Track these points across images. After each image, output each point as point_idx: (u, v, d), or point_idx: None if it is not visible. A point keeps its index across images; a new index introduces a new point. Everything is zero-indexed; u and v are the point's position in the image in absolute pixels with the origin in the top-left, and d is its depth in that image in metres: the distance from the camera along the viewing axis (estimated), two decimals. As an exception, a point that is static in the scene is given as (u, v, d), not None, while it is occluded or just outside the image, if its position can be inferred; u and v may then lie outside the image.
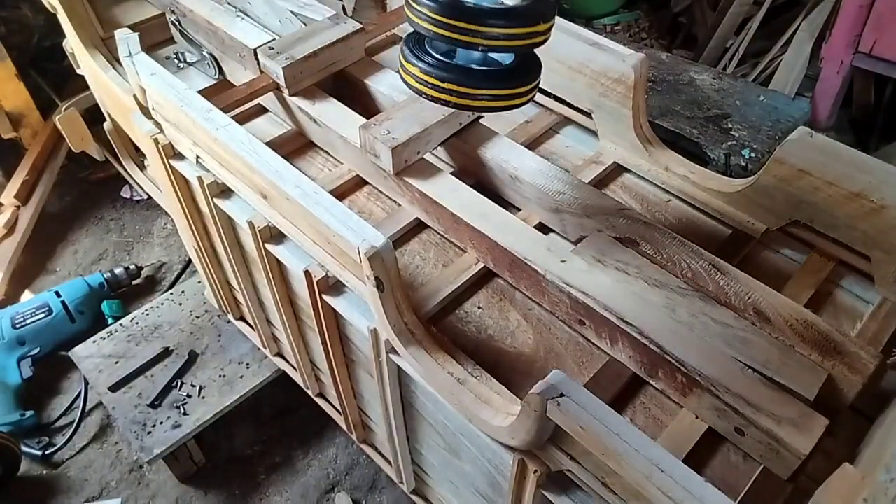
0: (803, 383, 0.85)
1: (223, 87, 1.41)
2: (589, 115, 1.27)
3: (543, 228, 1.14)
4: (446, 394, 0.93)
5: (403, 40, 0.93)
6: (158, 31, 1.57)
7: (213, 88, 1.44)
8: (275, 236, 1.18)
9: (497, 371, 0.96)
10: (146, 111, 1.31)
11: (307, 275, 1.10)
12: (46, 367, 1.97)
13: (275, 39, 1.30)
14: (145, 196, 2.48)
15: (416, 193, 1.14)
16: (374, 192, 1.25)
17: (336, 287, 1.10)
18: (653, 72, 2.06)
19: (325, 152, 1.32)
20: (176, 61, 1.52)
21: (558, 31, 1.02)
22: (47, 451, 1.80)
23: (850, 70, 2.33)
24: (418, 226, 1.19)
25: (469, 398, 0.90)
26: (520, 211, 1.18)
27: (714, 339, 0.90)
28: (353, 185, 1.26)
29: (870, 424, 0.89)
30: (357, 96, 1.34)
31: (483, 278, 1.10)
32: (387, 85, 1.30)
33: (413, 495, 1.45)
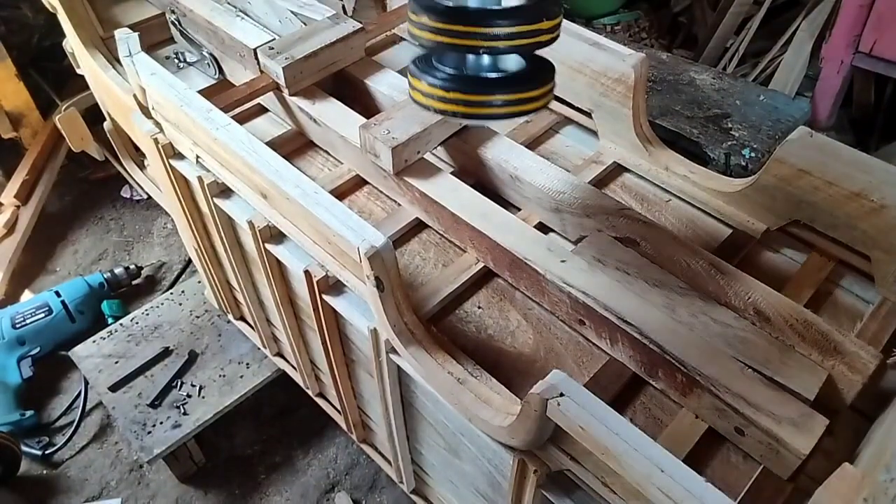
0: (803, 383, 0.85)
1: (223, 87, 1.41)
2: (589, 114, 1.27)
3: (543, 228, 1.14)
4: (446, 394, 0.93)
5: (410, 62, 0.89)
6: (158, 30, 1.57)
7: (213, 88, 1.44)
8: (275, 236, 1.18)
9: (497, 371, 0.96)
10: (146, 111, 1.31)
11: (307, 275, 1.10)
12: (46, 367, 1.97)
13: (275, 39, 1.30)
14: (145, 196, 2.48)
15: (416, 193, 1.14)
16: (374, 192, 1.25)
17: (336, 287, 1.10)
18: (653, 71, 2.06)
19: (325, 152, 1.32)
20: (176, 61, 1.52)
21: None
22: (47, 450, 1.80)
23: (850, 70, 2.33)
24: (418, 226, 1.19)
25: (469, 398, 0.90)
26: (520, 211, 1.18)
27: (714, 338, 0.90)
28: (353, 184, 1.26)
29: (870, 424, 0.89)
30: (357, 96, 1.34)
31: (483, 278, 1.10)
32: (387, 85, 1.30)
33: (413, 495, 1.45)
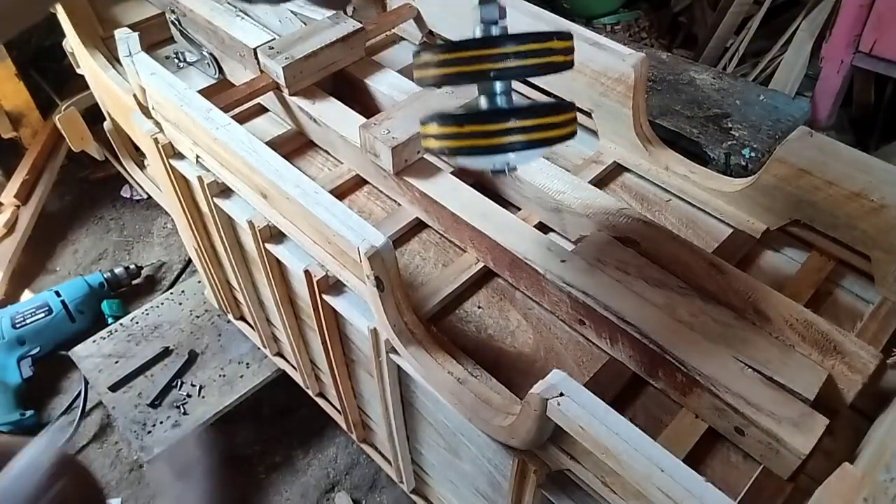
0: (803, 383, 0.85)
1: (223, 86, 1.41)
2: (589, 114, 1.27)
3: (543, 228, 1.14)
4: (446, 393, 0.93)
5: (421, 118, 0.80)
6: (158, 30, 1.57)
7: (213, 88, 1.44)
8: (275, 236, 1.18)
9: (497, 371, 0.95)
10: (146, 111, 1.30)
11: (307, 274, 1.10)
12: (46, 366, 1.97)
13: (275, 39, 1.30)
14: (145, 196, 2.48)
15: (416, 193, 1.14)
16: (374, 192, 1.25)
17: (336, 287, 1.10)
18: (653, 71, 2.05)
19: (324, 152, 1.32)
20: (176, 61, 1.52)
21: (558, 31, 1.01)
22: (47, 450, 1.80)
23: (850, 70, 2.33)
24: (418, 225, 1.19)
25: (469, 398, 0.90)
26: (520, 210, 1.18)
27: (714, 338, 0.90)
28: (353, 184, 1.26)
29: (870, 424, 0.89)
30: (357, 96, 1.34)
31: (483, 278, 1.10)
32: (387, 84, 1.30)
33: (413, 495, 1.45)
